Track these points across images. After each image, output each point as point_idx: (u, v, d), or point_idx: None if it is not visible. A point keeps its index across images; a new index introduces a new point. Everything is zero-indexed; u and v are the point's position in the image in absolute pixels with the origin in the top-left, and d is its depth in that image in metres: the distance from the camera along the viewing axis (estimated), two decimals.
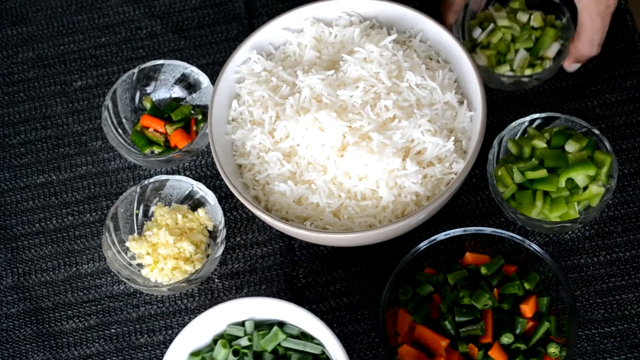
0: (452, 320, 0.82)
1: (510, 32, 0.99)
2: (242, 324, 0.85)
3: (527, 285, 0.84)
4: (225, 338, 0.84)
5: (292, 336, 0.83)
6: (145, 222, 0.97)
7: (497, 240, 0.86)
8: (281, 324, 0.84)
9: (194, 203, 0.97)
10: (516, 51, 0.98)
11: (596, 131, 0.89)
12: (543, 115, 0.92)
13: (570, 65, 0.98)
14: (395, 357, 0.81)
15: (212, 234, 0.96)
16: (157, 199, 0.97)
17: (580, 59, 0.97)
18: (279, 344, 0.83)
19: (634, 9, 1.06)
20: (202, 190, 0.96)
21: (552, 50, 0.98)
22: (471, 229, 0.85)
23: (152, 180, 0.96)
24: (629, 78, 0.99)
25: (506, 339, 0.80)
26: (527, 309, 0.82)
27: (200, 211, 0.96)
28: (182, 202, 0.98)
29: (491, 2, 1.03)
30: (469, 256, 0.87)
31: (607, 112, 0.98)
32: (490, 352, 0.80)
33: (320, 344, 0.82)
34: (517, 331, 0.81)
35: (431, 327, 0.82)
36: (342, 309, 0.92)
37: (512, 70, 0.98)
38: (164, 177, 0.96)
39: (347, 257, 0.94)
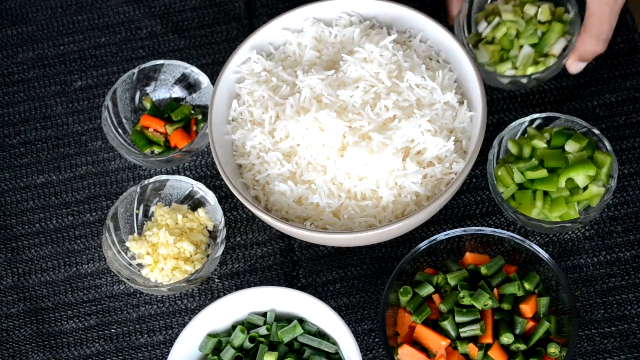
0: (452, 320, 0.82)
1: (515, 27, 0.95)
2: (264, 314, 0.86)
3: (527, 285, 0.84)
4: (245, 325, 0.86)
5: (309, 333, 0.84)
6: (145, 222, 0.97)
7: (497, 240, 0.86)
8: (301, 321, 0.85)
9: (194, 203, 0.97)
10: (520, 47, 0.95)
11: (596, 131, 0.89)
12: (543, 115, 0.91)
13: (574, 64, 0.94)
14: (395, 357, 0.81)
15: (212, 234, 0.96)
16: (157, 199, 0.97)
17: (584, 56, 0.93)
18: (295, 338, 0.84)
19: (634, 9, 1.06)
20: (202, 190, 0.96)
21: (557, 47, 0.94)
22: (471, 229, 0.85)
23: (152, 180, 0.96)
24: (629, 78, 0.99)
25: (506, 339, 0.80)
26: (527, 309, 0.82)
27: (200, 211, 0.96)
28: (182, 202, 0.98)
29: None
30: (469, 256, 0.87)
31: (607, 112, 0.98)
32: (490, 352, 0.80)
33: (335, 343, 0.83)
34: (517, 331, 0.82)
35: (431, 327, 0.82)
36: (342, 309, 0.92)
37: (514, 68, 0.95)
38: (164, 177, 0.96)
39: (347, 257, 0.94)
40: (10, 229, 1.02)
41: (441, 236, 0.85)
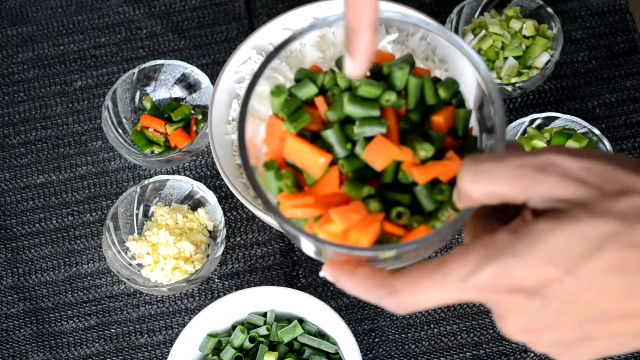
0: (338, 129, 0.53)
1: (501, 40, 0.98)
2: (264, 314, 0.86)
3: (442, 93, 0.55)
4: (245, 325, 0.86)
5: (309, 333, 0.85)
6: (145, 222, 0.97)
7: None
8: (301, 321, 0.85)
9: (194, 203, 0.97)
10: (505, 59, 0.98)
11: (596, 131, 0.89)
12: (543, 115, 0.91)
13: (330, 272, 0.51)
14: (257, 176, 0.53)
15: (212, 234, 0.96)
16: (157, 199, 0.97)
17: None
18: (295, 338, 0.84)
19: (634, 9, 1.06)
20: (202, 190, 0.96)
21: (540, 60, 0.97)
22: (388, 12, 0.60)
23: (152, 180, 0.96)
24: (629, 78, 0.99)
25: (423, 152, 0.51)
26: (441, 120, 0.54)
27: (200, 211, 0.96)
28: (182, 202, 0.98)
29: (487, 8, 1.02)
30: None
31: (607, 112, 0.98)
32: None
33: (335, 343, 0.83)
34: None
35: (309, 139, 0.54)
36: (342, 309, 0.92)
37: (499, 77, 0.97)
38: (164, 177, 0.96)
39: None
40: (10, 229, 1.02)
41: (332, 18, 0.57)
